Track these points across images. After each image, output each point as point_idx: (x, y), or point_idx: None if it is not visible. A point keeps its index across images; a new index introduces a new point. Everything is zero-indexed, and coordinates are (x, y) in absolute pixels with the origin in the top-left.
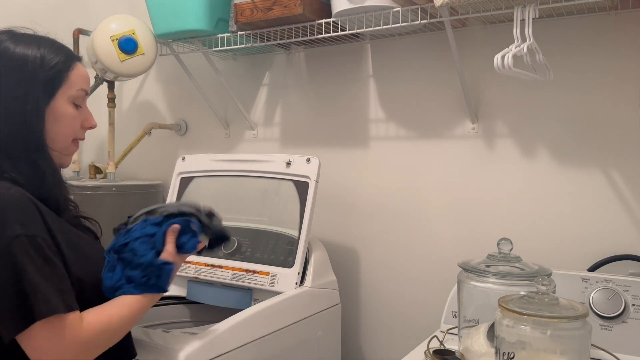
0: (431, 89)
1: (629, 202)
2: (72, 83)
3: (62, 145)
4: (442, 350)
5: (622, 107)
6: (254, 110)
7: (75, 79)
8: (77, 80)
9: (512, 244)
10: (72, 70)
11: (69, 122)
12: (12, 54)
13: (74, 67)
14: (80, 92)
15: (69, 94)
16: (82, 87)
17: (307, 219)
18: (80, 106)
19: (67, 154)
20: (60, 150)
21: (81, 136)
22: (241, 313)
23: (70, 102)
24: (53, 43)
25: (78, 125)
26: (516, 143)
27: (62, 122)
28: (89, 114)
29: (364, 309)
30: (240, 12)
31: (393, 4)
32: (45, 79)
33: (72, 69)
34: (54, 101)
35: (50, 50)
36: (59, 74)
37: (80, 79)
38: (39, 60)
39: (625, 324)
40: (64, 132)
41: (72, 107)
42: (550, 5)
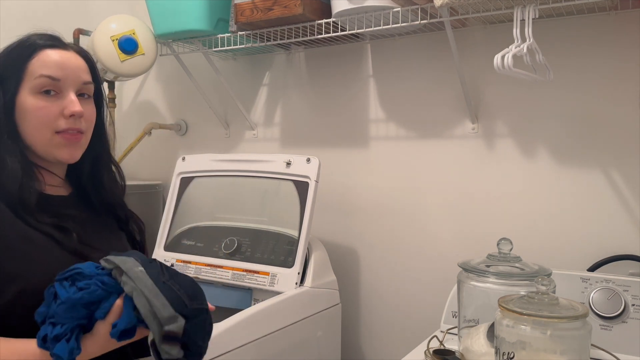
0: (431, 89)
1: (629, 202)
2: (31, 72)
3: (40, 140)
4: (442, 350)
5: (622, 107)
6: (254, 110)
7: (35, 67)
8: (38, 67)
9: (512, 243)
10: (32, 59)
11: (36, 114)
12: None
13: (37, 55)
14: (42, 80)
15: (30, 85)
16: (42, 73)
17: (307, 219)
18: (56, 93)
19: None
20: (43, 146)
21: (62, 126)
22: (241, 313)
23: (33, 93)
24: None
25: (52, 115)
26: (516, 143)
27: (28, 116)
28: (70, 101)
29: (364, 309)
30: (240, 12)
31: (393, 4)
32: (6, 75)
33: (32, 57)
34: (19, 96)
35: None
36: (18, 66)
37: (43, 64)
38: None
39: (625, 324)
40: (35, 127)
41: (38, 97)
42: (550, 6)
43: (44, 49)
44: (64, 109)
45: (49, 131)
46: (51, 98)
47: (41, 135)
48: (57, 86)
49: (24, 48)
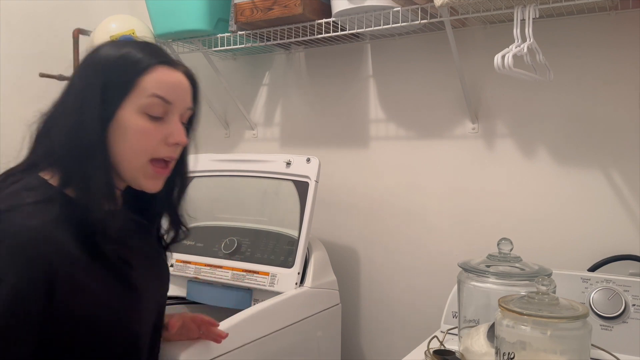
0: (431, 89)
1: (629, 202)
2: (143, 88)
3: (132, 164)
4: (442, 350)
5: (622, 107)
6: (254, 110)
7: (148, 84)
8: (151, 85)
9: (512, 244)
10: (146, 74)
11: (137, 136)
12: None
13: (152, 70)
14: (154, 100)
15: (138, 103)
16: (154, 92)
17: (307, 219)
18: (161, 118)
19: (145, 177)
20: (133, 171)
21: (162, 154)
22: (241, 313)
23: (139, 111)
24: (138, 45)
25: (154, 141)
26: (516, 143)
27: (128, 136)
28: (176, 129)
29: (364, 309)
30: (240, 12)
31: (393, 4)
32: (111, 84)
33: (146, 71)
34: (120, 111)
35: (132, 50)
36: (129, 77)
37: (157, 83)
38: (111, 62)
39: (625, 324)
40: (132, 150)
41: (144, 118)
42: (551, 5)
43: (160, 65)
44: (169, 137)
45: (145, 157)
46: (157, 121)
47: (136, 159)
48: (166, 109)
49: (137, 59)
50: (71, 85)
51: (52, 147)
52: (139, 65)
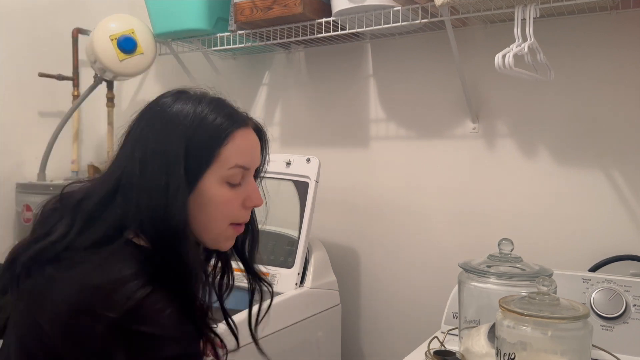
0: (431, 88)
1: (630, 202)
2: (225, 159)
3: (215, 234)
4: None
5: (623, 107)
6: (253, 110)
7: (230, 154)
8: (233, 155)
9: (513, 244)
10: (227, 143)
11: (220, 207)
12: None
13: (232, 137)
14: (236, 170)
15: (220, 174)
16: (237, 163)
17: (307, 219)
18: (239, 184)
19: (225, 240)
20: (214, 237)
21: (242, 219)
22: (241, 313)
23: (222, 182)
24: (212, 103)
25: (235, 208)
26: (517, 143)
27: (211, 208)
28: (253, 190)
29: (364, 310)
30: (240, 12)
31: (393, 3)
32: (194, 153)
33: (228, 140)
34: (201, 182)
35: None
36: (211, 148)
37: (238, 152)
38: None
39: (626, 324)
40: (215, 219)
41: (225, 187)
42: (551, 5)
43: (237, 130)
44: (246, 200)
45: (226, 223)
46: (236, 187)
47: (218, 226)
48: (244, 175)
49: (217, 125)
50: (145, 143)
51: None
52: (220, 133)
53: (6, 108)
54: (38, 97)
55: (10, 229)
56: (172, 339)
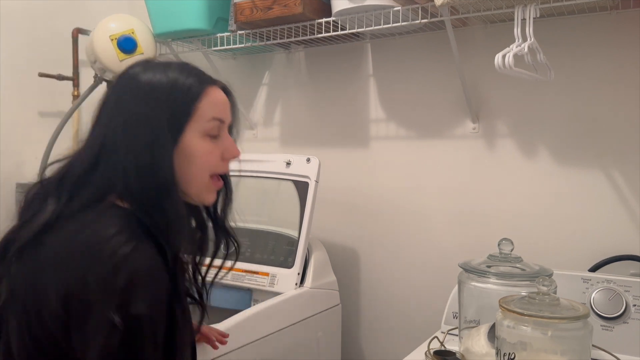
0: (431, 88)
1: (630, 202)
2: (203, 113)
3: (198, 186)
4: (442, 351)
5: (623, 107)
6: (253, 109)
7: (206, 108)
8: (209, 109)
9: (513, 244)
10: (202, 98)
11: (203, 158)
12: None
13: (204, 93)
14: (214, 123)
15: (199, 127)
16: (214, 115)
17: (307, 219)
18: (218, 136)
19: (207, 191)
20: (198, 189)
21: (222, 170)
22: (241, 314)
23: (202, 135)
24: (184, 68)
25: (216, 159)
26: (517, 143)
27: (194, 161)
28: (230, 143)
29: (364, 310)
30: (240, 12)
31: (393, 3)
32: (171, 112)
33: (202, 96)
34: (183, 136)
35: (180, 75)
36: (186, 105)
37: (213, 106)
38: (166, 89)
39: (626, 324)
40: (198, 170)
41: (206, 140)
42: (551, 5)
43: (208, 87)
44: (225, 152)
45: (208, 174)
46: (214, 140)
47: (202, 179)
48: (220, 128)
49: (189, 85)
50: (124, 109)
51: (120, 179)
52: (194, 90)
53: (6, 108)
54: (38, 97)
55: None
56: (144, 299)
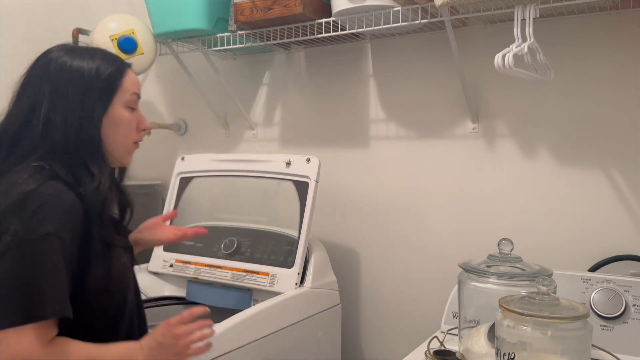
0: (431, 88)
1: (630, 202)
2: (126, 88)
3: (123, 149)
4: (442, 350)
5: (622, 107)
6: (253, 110)
7: (128, 84)
8: (130, 85)
9: (513, 244)
10: (124, 77)
11: (127, 125)
12: (69, 67)
13: (126, 73)
14: (134, 96)
15: (124, 99)
16: (134, 90)
17: (307, 219)
18: (134, 109)
19: (128, 155)
20: (122, 153)
21: (138, 138)
22: (241, 313)
23: (125, 106)
24: (105, 53)
25: (135, 128)
26: (517, 143)
27: (120, 127)
28: (142, 117)
29: (364, 310)
30: (240, 12)
31: (393, 4)
32: (101, 88)
33: (124, 75)
34: (111, 107)
35: (103, 60)
36: (114, 81)
37: (132, 83)
38: (94, 71)
39: (626, 324)
40: (124, 136)
41: (128, 111)
42: (551, 5)
43: (128, 68)
44: (139, 123)
45: (130, 141)
46: (133, 112)
47: (125, 144)
48: (136, 103)
49: (113, 66)
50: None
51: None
52: (119, 69)
53: None
54: None
55: None
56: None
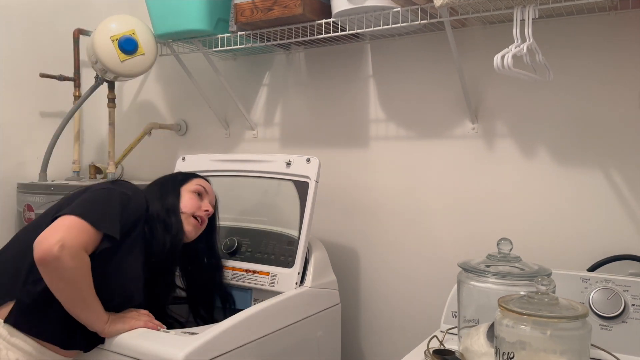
0: (431, 89)
1: (629, 202)
2: (191, 184)
3: (184, 215)
4: (442, 350)
5: (622, 107)
6: (254, 110)
7: (192, 184)
8: (194, 183)
9: (512, 243)
10: (191, 180)
11: (190, 201)
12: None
13: (193, 180)
14: (198, 187)
15: (189, 188)
16: (198, 184)
17: (307, 219)
18: (202, 198)
19: (188, 224)
20: (185, 217)
21: (199, 214)
22: (241, 313)
23: (191, 191)
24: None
25: (196, 206)
26: (516, 143)
27: (185, 200)
28: (207, 205)
29: (364, 309)
30: (241, 12)
31: (393, 4)
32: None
33: (190, 180)
34: (182, 190)
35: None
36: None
37: (196, 184)
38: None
39: (625, 324)
40: (187, 206)
41: (194, 195)
42: (550, 6)
43: (194, 178)
44: (202, 206)
45: (191, 212)
46: (198, 197)
47: (187, 213)
48: (202, 194)
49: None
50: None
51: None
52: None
53: (7, 108)
54: (39, 98)
55: (12, 229)
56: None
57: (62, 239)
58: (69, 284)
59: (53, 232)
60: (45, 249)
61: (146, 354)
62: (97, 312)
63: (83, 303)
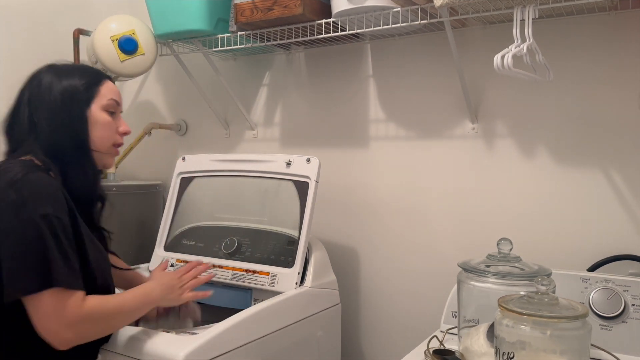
0: (431, 89)
1: (629, 202)
2: (103, 95)
3: (103, 148)
4: (442, 350)
5: (622, 107)
6: (254, 110)
7: (105, 92)
8: (107, 92)
9: (512, 243)
10: (101, 85)
11: (105, 126)
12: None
13: (104, 83)
14: (111, 102)
15: (101, 103)
16: (111, 97)
17: (307, 219)
18: (115, 113)
19: (109, 155)
20: (103, 155)
21: (118, 141)
22: (241, 313)
23: (103, 110)
24: (86, 69)
25: (114, 131)
26: (516, 143)
27: (99, 127)
28: (123, 122)
29: (363, 309)
30: (240, 12)
31: (393, 4)
32: (83, 95)
33: (101, 84)
34: (91, 110)
35: (84, 74)
36: (92, 88)
37: (109, 91)
38: (78, 84)
39: (625, 324)
40: (102, 136)
41: (106, 114)
42: (550, 6)
43: (106, 79)
44: (119, 127)
45: (109, 142)
46: (112, 116)
47: (104, 144)
48: (116, 109)
49: (95, 76)
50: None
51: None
52: (97, 80)
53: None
54: None
55: None
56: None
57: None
58: (108, 327)
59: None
60: (61, 344)
61: (146, 354)
62: (144, 302)
63: (131, 313)
